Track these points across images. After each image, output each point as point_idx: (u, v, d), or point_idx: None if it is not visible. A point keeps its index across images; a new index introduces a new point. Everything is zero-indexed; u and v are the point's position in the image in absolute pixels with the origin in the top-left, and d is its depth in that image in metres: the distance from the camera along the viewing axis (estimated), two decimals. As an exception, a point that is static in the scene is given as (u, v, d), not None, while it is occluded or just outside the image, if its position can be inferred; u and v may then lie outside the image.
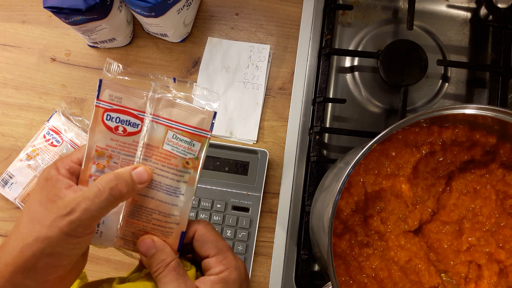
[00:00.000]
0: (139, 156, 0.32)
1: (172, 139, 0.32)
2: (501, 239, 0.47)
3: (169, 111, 0.32)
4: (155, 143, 0.32)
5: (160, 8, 0.49)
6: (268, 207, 0.57)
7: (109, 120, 0.31)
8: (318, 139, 0.56)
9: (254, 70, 0.59)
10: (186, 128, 0.32)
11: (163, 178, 0.32)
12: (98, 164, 0.31)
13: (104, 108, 0.31)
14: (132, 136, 0.32)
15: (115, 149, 0.32)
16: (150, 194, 0.32)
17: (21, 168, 0.56)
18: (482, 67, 0.60)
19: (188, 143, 0.32)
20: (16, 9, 0.62)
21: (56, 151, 0.56)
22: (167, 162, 0.32)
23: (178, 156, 0.32)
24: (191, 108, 0.32)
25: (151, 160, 0.32)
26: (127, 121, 0.31)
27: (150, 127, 0.32)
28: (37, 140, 0.57)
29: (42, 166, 0.56)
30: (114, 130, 0.31)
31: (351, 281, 0.45)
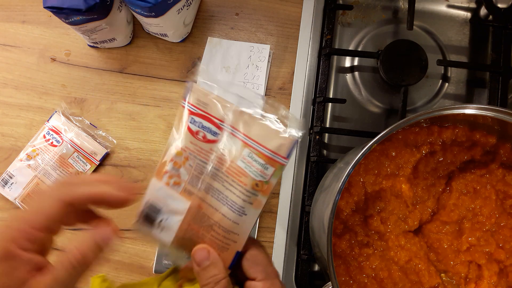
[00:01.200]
0: (212, 165, 0.31)
1: (247, 157, 0.31)
2: (501, 239, 0.47)
3: (249, 127, 0.31)
4: (230, 156, 0.31)
5: (160, 8, 0.49)
6: (268, 207, 0.57)
7: (192, 123, 0.31)
8: (318, 139, 0.56)
9: (254, 70, 0.59)
10: (263, 150, 0.31)
11: (230, 193, 0.31)
12: (175, 163, 0.31)
13: (190, 111, 0.31)
14: (210, 143, 0.31)
15: (192, 153, 0.31)
16: (216, 205, 0.31)
17: (21, 168, 0.56)
18: (482, 67, 0.60)
19: (262, 165, 0.31)
20: (16, 9, 0.62)
21: (56, 151, 0.56)
22: (237, 179, 0.31)
23: (249, 176, 0.31)
24: (272, 130, 0.31)
25: (222, 171, 0.31)
26: (208, 128, 0.31)
27: (228, 139, 0.31)
28: (37, 140, 0.57)
29: (42, 166, 0.56)
30: (195, 134, 0.31)
31: (351, 281, 0.45)
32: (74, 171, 0.57)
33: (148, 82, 0.60)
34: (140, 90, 0.60)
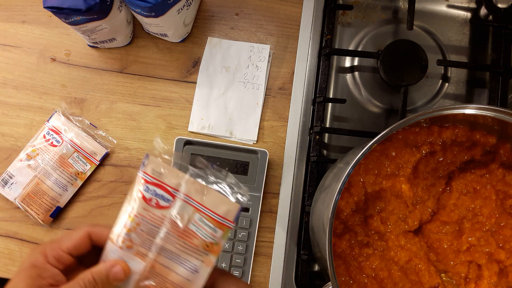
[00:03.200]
0: (164, 229, 0.34)
1: (198, 221, 0.34)
2: (501, 239, 0.47)
3: (201, 195, 0.34)
4: (183, 221, 0.34)
5: (160, 8, 0.49)
6: (268, 207, 0.57)
7: (146, 191, 0.34)
8: (318, 139, 0.56)
9: (254, 70, 0.59)
10: (213, 215, 0.34)
11: (183, 253, 0.34)
12: (128, 229, 0.34)
13: (145, 179, 0.34)
14: (162, 209, 0.34)
15: (145, 218, 0.34)
16: (169, 265, 0.34)
17: (21, 168, 0.56)
18: (482, 67, 0.60)
19: (212, 229, 0.34)
20: (16, 9, 0.62)
21: (56, 151, 0.56)
22: (189, 241, 0.34)
23: (200, 238, 0.33)
24: (221, 197, 0.34)
25: (173, 235, 0.34)
26: (161, 195, 0.34)
27: (180, 205, 0.34)
28: (37, 140, 0.57)
29: (42, 166, 0.56)
30: (148, 201, 0.34)
31: (351, 281, 0.45)
32: (74, 171, 0.56)
33: (148, 82, 0.60)
34: (140, 90, 0.60)
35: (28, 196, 0.56)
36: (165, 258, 0.34)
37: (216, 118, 0.58)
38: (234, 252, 0.54)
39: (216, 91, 0.59)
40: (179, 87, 0.60)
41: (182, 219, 0.34)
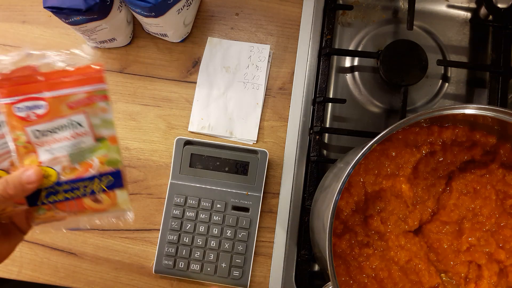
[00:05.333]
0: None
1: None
2: (501, 239, 0.47)
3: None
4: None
5: (160, 8, 0.49)
6: (268, 207, 0.57)
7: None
8: (318, 139, 0.56)
9: (254, 70, 0.59)
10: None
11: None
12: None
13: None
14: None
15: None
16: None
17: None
18: (482, 67, 0.60)
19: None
20: (16, 9, 0.62)
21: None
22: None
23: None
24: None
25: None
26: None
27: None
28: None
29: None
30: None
31: (351, 281, 0.45)
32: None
33: (148, 82, 0.60)
34: (140, 90, 0.60)
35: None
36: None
37: (216, 118, 0.58)
38: (234, 252, 0.54)
39: (216, 91, 0.59)
40: (179, 87, 0.60)
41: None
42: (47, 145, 0.35)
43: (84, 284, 0.55)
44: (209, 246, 0.54)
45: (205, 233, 0.54)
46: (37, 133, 0.35)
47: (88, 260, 0.56)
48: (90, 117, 0.36)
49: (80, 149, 0.36)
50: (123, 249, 0.56)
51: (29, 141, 0.35)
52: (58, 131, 0.35)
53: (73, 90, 0.35)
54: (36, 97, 0.34)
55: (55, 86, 0.35)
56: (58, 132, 0.35)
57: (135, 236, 0.56)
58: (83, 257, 0.56)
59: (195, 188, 0.55)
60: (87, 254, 0.56)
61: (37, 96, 0.34)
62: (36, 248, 0.56)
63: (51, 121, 0.35)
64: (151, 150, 0.58)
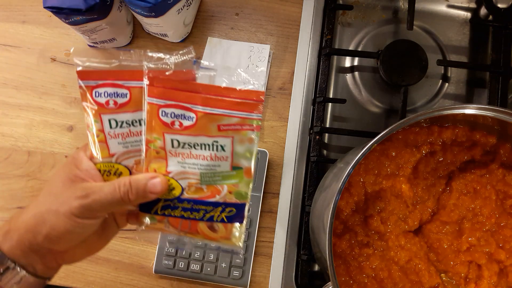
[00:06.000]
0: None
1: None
2: (501, 239, 0.47)
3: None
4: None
5: (160, 8, 0.49)
6: (268, 207, 0.56)
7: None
8: (318, 139, 0.56)
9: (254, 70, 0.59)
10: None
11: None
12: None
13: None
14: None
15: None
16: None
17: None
18: (482, 67, 0.60)
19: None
20: (16, 9, 0.62)
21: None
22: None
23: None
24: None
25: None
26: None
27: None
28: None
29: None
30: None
31: (351, 281, 0.45)
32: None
33: (148, 82, 0.60)
34: (140, 90, 0.60)
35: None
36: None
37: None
38: (234, 252, 0.54)
39: (216, 91, 0.59)
40: (179, 87, 0.60)
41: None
42: (180, 157, 0.33)
43: (84, 284, 0.55)
44: (209, 246, 0.54)
45: (205, 233, 0.54)
46: (176, 143, 0.33)
47: (88, 260, 0.56)
48: (235, 144, 0.33)
49: (213, 172, 0.33)
50: (123, 249, 0.56)
51: (163, 147, 0.33)
52: (198, 148, 0.33)
53: (228, 112, 0.32)
54: (188, 107, 0.32)
55: (211, 103, 0.32)
56: (197, 149, 0.33)
57: (135, 236, 0.56)
58: (83, 257, 0.56)
59: (195, 188, 0.55)
60: (87, 254, 0.56)
61: (189, 107, 0.32)
62: (36, 248, 0.56)
63: (195, 136, 0.32)
64: (151, 150, 0.58)
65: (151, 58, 0.32)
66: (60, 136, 0.59)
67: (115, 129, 0.33)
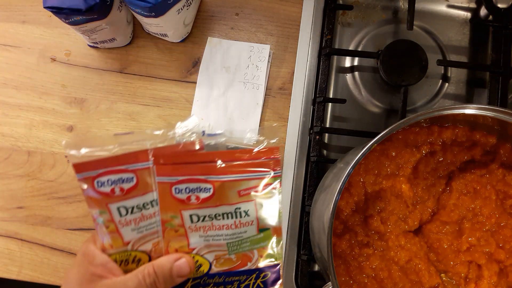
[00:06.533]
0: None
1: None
2: (501, 239, 0.47)
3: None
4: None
5: (160, 8, 0.49)
6: (268, 207, 0.56)
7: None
8: (318, 139, 0.56)
9: (254, 70, 0.59)
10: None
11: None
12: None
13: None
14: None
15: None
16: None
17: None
18: (482, 67, 0.60)
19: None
20: (16, 9, 0.62)
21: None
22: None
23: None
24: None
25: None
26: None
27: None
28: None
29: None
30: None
31: (351, 281, 0.45)
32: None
33: (148, 82, 0.60)
34: (140, 90, 0.60)
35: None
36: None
37: (216, 118, 0.58)
38: None
39: (216, 91, 0.59)
40: (179, 87, 0.60)
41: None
42: (202, 231, 0.31)
43: None
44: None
45: (205, 233, 0.54)
46: (195, 218, 0.30)
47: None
48: (258, 206, 0.31)
49: (240, 239, 0.31)
50: (123, 249, 0.56)
51: (182, 225, 0.30)
52: (220, 218, 0.31)
53: (246, 175, 0.30)
54: (203, 179, 0.30)
55: (227, 170, 0.30)
56: (220, 219, 0.31)
57: None
58: (83, 257, 0.56)
59: (195, 188, 0.55)
60: (87, 254, 0.56)
61: (204, 179, 0.30)
62: (36, 248, 0.56)
63: (215, 207, 0.30)
64: (151, 150, 0.58)
65: (154, 136, 0.31)
66: (60, 136, 0.59)
67: (126, 216, 0.31)
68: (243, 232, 0.31)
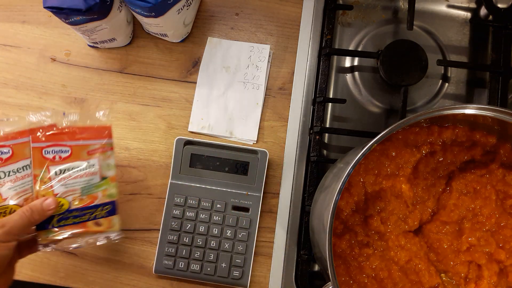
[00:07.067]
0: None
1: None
2: (501, 239, 0.47)
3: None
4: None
5: (160, 8, 0.49)
6: (268, 207, 0.57)
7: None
8: (318, 139, 0.56)
9: (254, 70, 0.59)
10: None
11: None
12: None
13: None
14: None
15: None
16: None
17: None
18: (482, 67, 0.60)
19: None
20: (16, 9, 0.62)
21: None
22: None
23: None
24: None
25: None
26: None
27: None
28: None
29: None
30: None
31: (351, 281, 0.45)
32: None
33: (148, 82, 0.60)
34: (140, 90, 0.60)
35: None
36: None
37: (216, 118, 0.58)
38: (234, 252, 0.54)
39: (216, 91, 0.59)
40: (179, 87, 0.60)
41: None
42: (63, 180, 0.45)
43: (84, 284, 0.55)
44: (209, 246, 0.54)
45: (205, 233, 0.54)
46: (58, 171, 0.45)
47: (88, 260, 0.56)
48: (100, 161, 0.46)
49: (89, 185, 0.46)
50: (123, 249, 0.56)
51: (49, 177, 0.44)
52: (76, 170, 0.45)
53: (92, 141, 0.47)
54: (63, 144, 0.45)
55: (79, 137, 0.46)
56: (75, 171, 0.45)
57: (135, 236, 0.56)
58: (83, 257, 0.56)
59: (195, 188, 0.55)
60: (87, 254, 0.56)
61: (64, 144, 0.45)
62: (36, 248, 0.56)
63: (72, 162, 0.45)
64: (151, 150, 0.58)
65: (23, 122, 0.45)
66: (60, 136, 0.59)
67: (4, 179, 0.44)
68: (91, 180, 0.46)
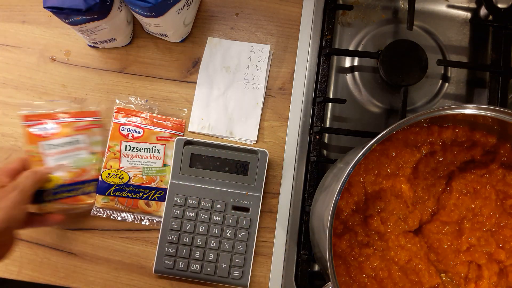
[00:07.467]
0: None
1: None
2: (501, 239, 0.47)
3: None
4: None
5: (160, 8, 0.49)
6: (268, 207, 0.57)
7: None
8: (318, 139, 0.56)
9: (254, 70, 0.59)
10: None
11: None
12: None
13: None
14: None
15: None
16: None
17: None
18: (482, 67, 0.60)
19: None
20: (16, 9, 0.62)
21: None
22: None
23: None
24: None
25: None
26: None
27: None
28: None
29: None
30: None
31: (351, 281, 0.45)
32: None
33: (148, 82, 0.60)
34: (140, 90, 0.60)
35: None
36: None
37: (216, 118, 0.58)
38: (234, 252, 0.54)
39: (216, 91, 0.59)
40: (179, 87, 0.60)
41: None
42: (55, 156, 0.49)
43: (84, 284, 0.55)
44: (209, 246, 0.54)
45: (205, 233, 0.54)
46: (47, 146, 0.50)
47: (88, 260, 0.56)
48: (89, 138, 0.52)
49: (79, 159, 0.51)
50: (123, 249, 0.56)
51: (39, 152, 0.48)
52: (65, 145, 0.50)
53: (78, 119, 0.53)
54: (50, 121, 0.51)
55: (66, 117, 0.52)
56: (65, 146, 0.50)
57: (135, 236, 0.56)
58: (83, 257, 0.56)
59: (195, 188, 0.55)
60: (87, 254, 0.56)
61: (51, 121, 0.51)
62: (36, 248, 0.56)
63: (60, 138, 0.50)
64: (151, 150, 0.58)
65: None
66: (60, 136, 0.59)
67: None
68: (80, 155, 0.52)
